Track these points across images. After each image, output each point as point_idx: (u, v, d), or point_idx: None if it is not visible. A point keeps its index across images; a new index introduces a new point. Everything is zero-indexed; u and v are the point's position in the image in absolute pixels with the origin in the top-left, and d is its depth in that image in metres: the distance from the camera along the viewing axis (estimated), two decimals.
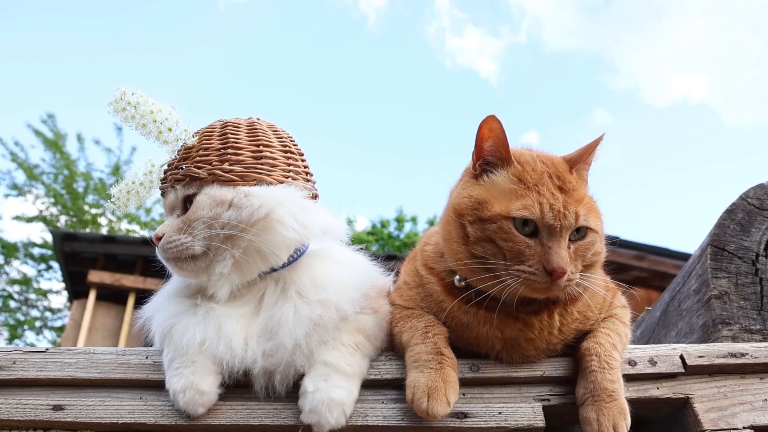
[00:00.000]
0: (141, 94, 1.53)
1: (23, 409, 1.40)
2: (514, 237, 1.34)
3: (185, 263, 1.44)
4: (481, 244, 1.36)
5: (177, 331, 1.41)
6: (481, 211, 1.38)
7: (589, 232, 1.39)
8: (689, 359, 1.47)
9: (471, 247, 1.38)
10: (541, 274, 1.31)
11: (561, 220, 1.34)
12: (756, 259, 1.78)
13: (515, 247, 1.33)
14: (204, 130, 1.58)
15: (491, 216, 1.36)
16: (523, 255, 1.33)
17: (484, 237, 1.36)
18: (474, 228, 1.38)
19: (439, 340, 1.42)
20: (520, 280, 1.31)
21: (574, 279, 1.35)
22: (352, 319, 1.46)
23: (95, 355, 1.49)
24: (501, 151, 1.43)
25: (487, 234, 1.36)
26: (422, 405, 1.29)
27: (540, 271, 1.31)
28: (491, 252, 1.35)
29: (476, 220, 1.38)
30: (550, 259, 1.31)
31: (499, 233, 1.35)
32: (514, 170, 1.42)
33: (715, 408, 1.42)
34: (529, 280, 1.31)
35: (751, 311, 1.71)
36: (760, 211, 1.84)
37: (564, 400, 1.42)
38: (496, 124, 1.41)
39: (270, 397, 1.40)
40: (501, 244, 1.34)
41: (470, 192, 1.43)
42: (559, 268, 1.30)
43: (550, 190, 1.38)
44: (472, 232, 1.38)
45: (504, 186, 1.41)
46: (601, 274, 1.55)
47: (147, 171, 1.59)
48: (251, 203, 1.42)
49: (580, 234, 1.38)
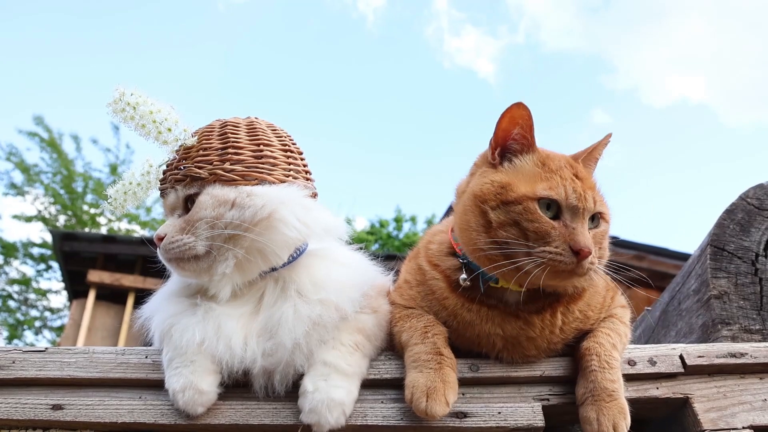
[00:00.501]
0: (140, 95, 1.52)
1: (22, 408, 1.40)
2: (539, 218, 1.35)
3: (188, 263, 1.43)
4: (505, 229, 1.37)
5: (176, 330, 1.40)
6: (505, 194, 1.39)
7: (601, 221, 1.43)
8: (689, 359, 1.47)
9: (493, 233, 1.37)
10: (568, 254, 1.32)
11: (583, 201, 1.37)
12: (756, 259, 1.78)
13: (541, 228, 1.34)
14: (203, 130, 1.58)
15: (516, 197, 1.38)
16: (549, 236, 1.34)
17: (508, 221, 1.37)
18: (497, 213, 1.38)
19: (438, 340, 1.42)
20: (545, 263, 1.32)
21: (595, 264, 1.36)
22: (351, 318, 1.46)
23: (95, 354, 1.49)
24: (528, 137, 1.46)
25: (512, 217, 1.37)
26: (421, 405, 1.29)
27: (566, 251, 1.32)
28: (514, 236, 1.35)
29: (500, 204, 1.39)
30: (577, 239, 1.33)
31: (525, 214, 1.36)
32: (538, 156, 1.45)
33: (714, 408, 1.42)
34: (555, 260, 1.32)
35: (751, 311, 1.71)
36: (759, 211, 1.84)
37: (563, 400, 1.42)
38: (526, 110, 1.43)
39: (269, 396, 1.40)
40: (526, 225, 1.35)
41: (492, 178, 1.44)
42: (585, 247, 1.32)
43: (570, 176, 1.41)
44: (495, 217, 1.38)
45: (528, 170, 1.43)
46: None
47: (144, 171, 1.59)
48: (254, 203, 1.42)
49: (595, 222, 1.42)
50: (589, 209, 1.39)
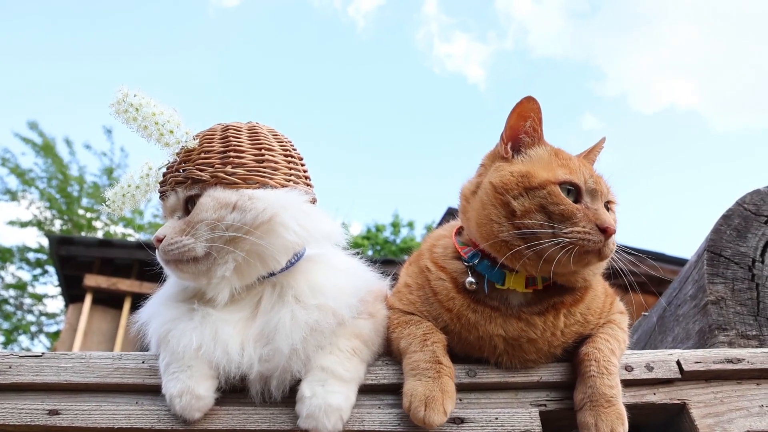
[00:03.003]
0: (143, 96, 1.52)
1: (19, 413, 1.40)
2: (564, 200, 1.39)
3: (186, 265, 1.43)
4: (530, 216, 1.38)
5: (173, 336, 1.40)
6: (527, 181, 1.42)
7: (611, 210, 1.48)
8: (686, 365, 1.48)
9: (518, 221, 1.39)
10: (596, 232, 1.36)
11: (600, 185, 1.45)
12: (752, 264, 1.78)
13: (567, 210, 1.37)
14: (205, 133, 1.58)
15: (540, 183, 1.41)
16: (575, 217, 1.37)
17: (533, 207, 1.39)
18: (521, 201, 1.40)
19: (437, 348, 1.42)
20: (573, 243, 1.34)
21: (614, 248, 1.41)
22: (349, 324, 1.46)
23: (91, 359, 1.48)
24: (539, 130, 1.51)
25: (537, 202, 1.39)
26: (419, 414, 1.29)
27: (594, 230, 1.36)
28: (540, 221, 1.37)
29: (523, 192, 1.41)
30: (603, 218, 1.38)
31: (549, 198, 1.39)
32: (550, 147, 1.51)
33: (711, 414, 1.42)
34: (584, 239, 1.34)
35: (748, 317, 1.72)
36: (756, 216, 1.85)
37: (561, 406, 1.42)
38: (536, 104, 1.48)
39: (266, 402, 1.40)
40: (552, 209, 1.38)
41: (510, 169, 1.46)
42: (611, 225, 1.37)
43: (581, 164, 1.48)
44: (518, 205, 1.40)
45: (545, 158, 1.48)
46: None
47: (143, 174, 1.58)
48: (255, 206, 1.42)
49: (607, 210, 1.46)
50: (605, 194, 1.46)
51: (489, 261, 1.48)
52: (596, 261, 1.39)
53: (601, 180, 1.48)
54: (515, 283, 1.45)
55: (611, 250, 1.39)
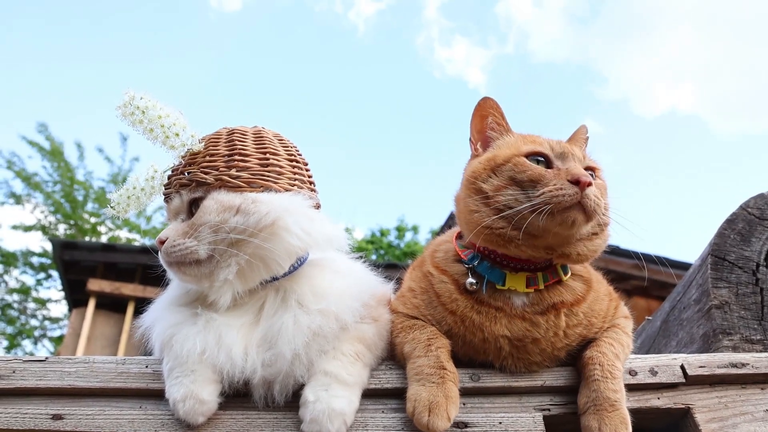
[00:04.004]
0: (149, 99, 1.53)
1: (22, 418, 1.40)
2: (531, 166, 1.42)
3: (189, 268, 1.43)
4: (502, 192, 1.42)
5: (177, 340, 1.40)
6: (493, 162, 1.47)
7: (596, 176, 1.48)
8: (690, 369, 1.47)
9: (493, 200, 1.42)
10: (568, 186, 1.36)
11: (569, 149, 1.47)
12: (756, 269, 1.78)
13: (534, 173, 1.40)
14: (210, 137, 1.59)
15: (504, 159, 1.45)
16: (545, 178, 1.39)
17: (502, 182, 1.43)
18: (491, 181, 1.44)
19: (441, 353, 1.42)
20: (548, 203, 1.35)
21: (601, 204, 1.39)
22: (352, 328, 1.46)
23: (95, 364, 1.49)
24: (503, 123, 1.57)
25: (506, 176, 1.43)
26: (423, 419, 1.29)
27: (565, 184, 1.37)
28: (512, 194, 1.40)
29: (491, 173, 1.46)
30: (573, 171, 1.39)
31: (516, 168, 1.43)
32: (518, 134, 1.56)
33: (716, 418, 1.41)
34: (557, 196, 1.35)
35: (752, 321, 1.71)
36: (760, 221, 1.84)
37: (564, 410, 1.42)
38: (492, 101, 1.57)
39: (269, 406, 1.40)
40: (520, 177, 1.41)
41: (479, 160, 1.52)
42: (583, 175, 1.37)
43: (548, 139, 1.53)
44: (489, 186, 1.44)
45: (511, 141, 1.53)
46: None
47: (149, 177, 1.58)
48: (259, 209, 1.42)
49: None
50: (580, 158, 1.47)
51: (489, 262, 1.49)
52: (582, 217, 1.37)
53: (574, 147, 1.50)
54: (515, 282, 1.46)
55: (595, 204, 1.37)
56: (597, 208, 1.37)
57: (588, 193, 1.36)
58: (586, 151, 1.60)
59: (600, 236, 1.48)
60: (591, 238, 1.46)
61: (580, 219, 1.37)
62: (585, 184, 1.36)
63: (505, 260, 1.48)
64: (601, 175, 1.53)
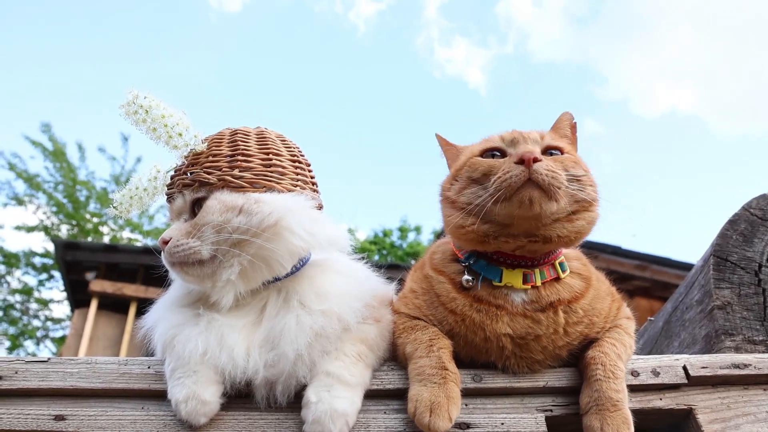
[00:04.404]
0: (153, 98, 1.53)
1: (25, 419, 1.40)
2: (483, 161, 1.48)
3: (191, 268, 1.43)
4: (463, 193, 1.47)
5: (179, 341, 1.40)
6: (454, 171, 1.55)
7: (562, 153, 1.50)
8: (692, 370, 1.47)
9: (458, 203, 1.47)
10: (515, 167, 1.39)
11: (520, 135, 1.51)
12: (759, 269, 1.78)
13: (486, 167, 1.46)
14: (213, 137, 1.59)
15: (461, 164, 1.53)
16: (495, 167, 1.43)
17: (463, 185, 1.48)
18: (454, 187, 1.51)
19: (443, 354, 1.42)
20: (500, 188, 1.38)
21: (559, 177, 1.39)
22: (354, 329, 1.46)
23: (97, 364, 1.49)
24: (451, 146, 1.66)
25: (464, 178, 1.49)
26: (424, 420, 1.29)
27: (512, 166, 1.39)
28: (472, 192, 1.45)
29: (453, 180, 1.53)
30: (517, 153, 1.42)
31: (471, 167, 1.49)
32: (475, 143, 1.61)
33: (718, 419, 1.41)
34: (505, 179, 1.38)
35: (754, 322, 1.71)
36: (762, 221, 1.84)
37: (566, 411, 1.42)
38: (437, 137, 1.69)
39: (272, 407, 1.40)
40: (476, 175, 1.46)
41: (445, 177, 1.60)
42: (527, 153, 1.39)
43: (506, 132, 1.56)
44: (453, 192, 1.50)
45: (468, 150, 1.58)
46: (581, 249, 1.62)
47: (152, 177, 1.59)
48: (261, 209, 1.42)
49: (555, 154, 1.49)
50: (534, 139, 1.49)
51: (485, 260, 1.50)
52: (538, 193, 1.36)
53: (531, 133, 1.52)
54: (512, 278, 1.46)
55: (550, 177, 1.36)
56: (553, 181, 1.37)
57: (536, 168, 1.36)
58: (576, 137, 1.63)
59: (582, 215, 1.45)
60: (570, 219, 1.44)
61: (536, 195, 1.37)
62: (529, 160, 1.37)
63: (501, 257, 1.49)
64: (567, 149, 1.51)
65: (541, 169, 1.36)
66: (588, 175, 1.48)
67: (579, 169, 1.47)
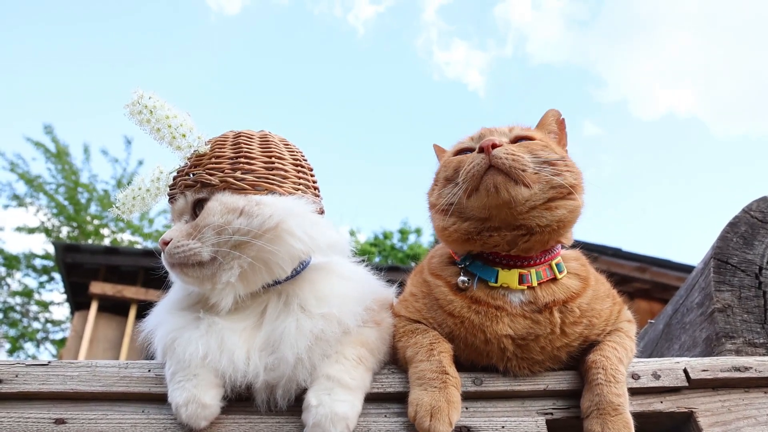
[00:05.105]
0: (157, 99, 1.53)
1: (25, 422, 1.40)
2: (455, 159, 1.53)
3: (191, 269, 1.43)
4: (441, 194, 1.51)
5: (179, 344, 1.40)
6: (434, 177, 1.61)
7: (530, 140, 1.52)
8: (693, 373, 1.47)
9: (438, 206, 1.51)
10: (478, 157, 1.43)
11: (488, 130, 1.56)
12: (759, 272, 1.78)
13: (457, 161, 1.50)
14: (217, 139, 1.60)
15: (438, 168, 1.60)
16: (463, 162, 1.47)
17: (440, 186, 1.53)
18: (434, 192, 1.57)
19: (444, 358, 1.42)
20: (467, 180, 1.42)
21: (521, 159, 1.41)
22: (354, 332, 1.46)
23: (97, 368, 1.49)
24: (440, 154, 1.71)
25: (441, 180, 1.54)
26: (424, 424, 1.29)
27: (476, 156, 1.44)
28: (448, 190, 1.49)
29: (433, 184, 1.60)
30: (481, 144, 1.45)
31: (445, 167, 1.54)
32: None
33: (719, 422, 1.41)
34: (471, 170, 1.42)
35: (755, 325, 1.71)
36: (763, 224, 1.84)
37: (567, 414, 1.42)
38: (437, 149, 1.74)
39: (272, 411, 1.40)
40: (449, 174, 1.51)
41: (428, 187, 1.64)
42: (487, 141, 1.42)
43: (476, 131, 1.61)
44: (434, 196, 1.55)
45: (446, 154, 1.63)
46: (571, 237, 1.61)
47: (154, 178, 1.59)
48: (262, 212, 1.42)
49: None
50: (501, 132, 1.54)
51: (481, 261, 1.51)
52: (502, 178, 1.39)
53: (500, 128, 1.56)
54: (508, 279, 1.46)
55: (511, 160, 1.39)
56: (514, 164, 1.39)
57: (496, 153, 1.40)
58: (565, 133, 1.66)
59: (561, 203, 1.44)
60: (548, 207, 1.43)
61: (500, 180, 1.39)
62: (488, 147, 1.40)
63: (497, 258, 1.49)
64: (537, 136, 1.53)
65: (500, 153, 1.40)
66: (565, 160, 1.49)
67: (551, 153, 1.47)
